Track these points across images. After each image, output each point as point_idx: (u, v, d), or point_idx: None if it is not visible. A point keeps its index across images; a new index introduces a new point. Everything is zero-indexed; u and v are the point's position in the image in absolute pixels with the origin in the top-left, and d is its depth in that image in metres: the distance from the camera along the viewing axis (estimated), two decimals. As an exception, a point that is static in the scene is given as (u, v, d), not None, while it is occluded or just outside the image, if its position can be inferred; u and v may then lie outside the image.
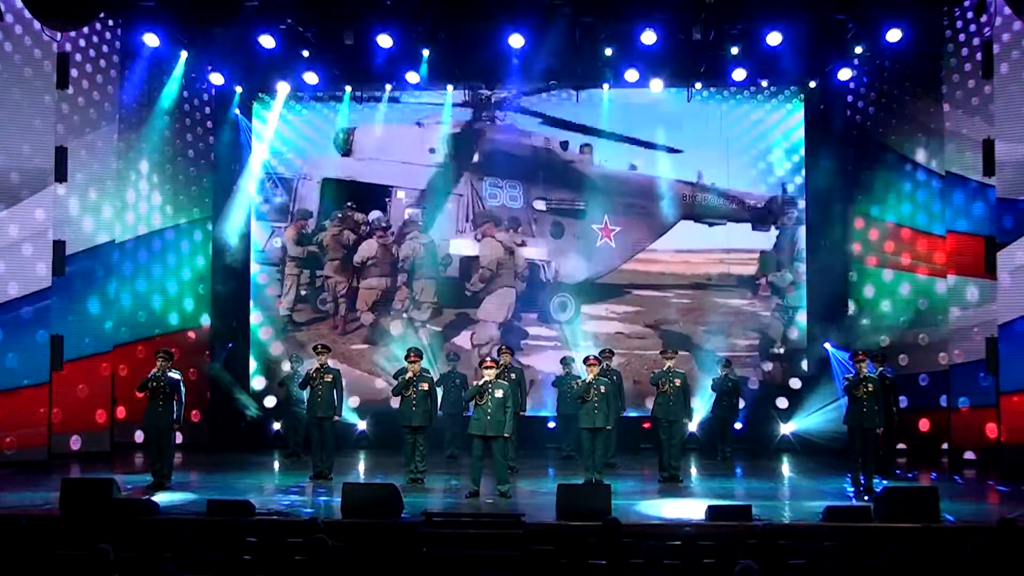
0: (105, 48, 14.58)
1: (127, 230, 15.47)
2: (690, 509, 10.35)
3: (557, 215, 16.72)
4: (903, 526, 9.10)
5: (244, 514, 9.50)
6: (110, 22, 14.50)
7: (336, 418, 12.69)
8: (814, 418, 15.65)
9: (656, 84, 15.84)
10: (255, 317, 17.00)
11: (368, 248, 16.95)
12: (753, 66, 15.13)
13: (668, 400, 12.61)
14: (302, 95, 16.83)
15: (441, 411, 13.77)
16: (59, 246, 13.49)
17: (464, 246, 16.88)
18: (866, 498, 11.01)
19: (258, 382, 16.86)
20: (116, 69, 14.74)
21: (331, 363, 13.22)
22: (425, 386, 12.38)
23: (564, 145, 16.76)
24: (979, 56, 13.56)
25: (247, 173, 17.00)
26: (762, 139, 16.68)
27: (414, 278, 16.86)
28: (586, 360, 12.41)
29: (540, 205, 16.76)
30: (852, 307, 16.01)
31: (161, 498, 10.61)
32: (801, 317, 16.50)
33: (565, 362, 14.91)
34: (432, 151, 16.90)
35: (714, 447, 14.95)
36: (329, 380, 12.62)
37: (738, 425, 15.37)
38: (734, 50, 14.62)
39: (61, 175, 13.45)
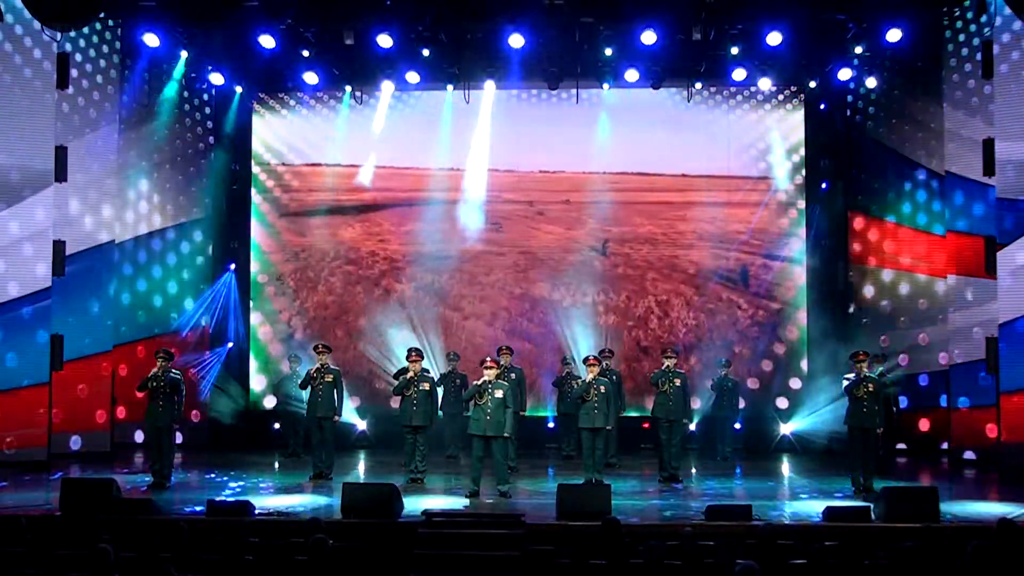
0: (105, 48, 14.58)
1: (127, 230, 15.49)
2: (690, 509, 10.36)
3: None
4: (903, 526, 9.11)
5: (244, 514, 9.51)
6: (110, 22, 14.49)
7: (336, 418, 12.70)
8: (814, 418, 15.64)
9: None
10: (255, 317, 17.00)
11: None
12: (753, 66, 15.12)
13: (668, 400, 12.61)
14: (302, 94, 16.87)
15: (441, 411, 13.79)
16: (59, 246, 13.48)
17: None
18: (866, 498, 11.01)
19: (258, 382, 16.86)
20: (116, 69, 14.73)
21: (331, 363, 13.20)
22: (426, 386, 12.40)
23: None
24: (979, 56, 13.56)
25: (247, 173, 17.05)
26: (762, 139, 16.69)
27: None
28: (586, 360, 12.43)
29: None
30: (852, 307, 15.99)
31: (161, 498, 10.62)
32: (801, 317, 16.51)
33: (565, 362, 14.92)
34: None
35: (714, 447, 14.94)
36: (329, 380, 12.61)
37: (738, 425, 15.36)
38: (734, 50, 14.62)
39: (61, 175, 13.44)
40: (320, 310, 16.97)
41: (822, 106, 16.46)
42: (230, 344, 16.67)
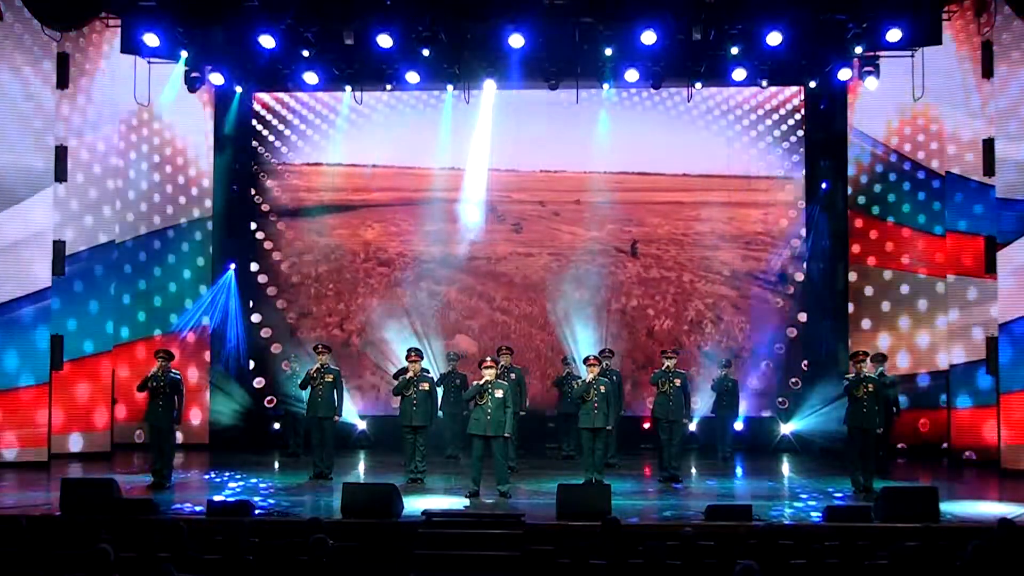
0: (105, 48, 14.58)
1: (127, 230, 15.49)
2: (690, 509, 10.36)
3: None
4: (903, 526, 9.11)
5: (244, 514, 9.50)
6: (110, 22, 14.49)
7: (336, 418, 12.69)
8: (814, 418, 15.64)
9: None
10: (255, 317, 17.00)
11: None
12: (753, 66, 15.11)
13: (668, 400, 12.61)
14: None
15: (441, 411, 13.79)
16: (59, 246, 13.50)
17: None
18: (866, 498, 11.01)
19: (258, 382, 16.86)
20: (116, 69, 14.74)
21: (331, 363, 13.18)
22: (425, 386, 12.40)
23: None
24: (979, 56, 13.56)
25: (247, 172, 17.05)
26: (762, 139, 16.70)
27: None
28: (586, 360, 12.42)
29: None
30: (852, 307, 15.99)
31: (161, 498, 10.62)
32: (801, 317, 16.50)
33: (566, 362, 14.92)
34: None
35: (714, 447, 14.94)
36: (329, 380, 12.61)
37: (738, 425, 15.35)
38: (734, 50, 14.59)
39: (61, 175, 13.47)
40: (365, 312, 16.86)
41: (822, 106, 16.46)
42: (230, 344, 16.67)
